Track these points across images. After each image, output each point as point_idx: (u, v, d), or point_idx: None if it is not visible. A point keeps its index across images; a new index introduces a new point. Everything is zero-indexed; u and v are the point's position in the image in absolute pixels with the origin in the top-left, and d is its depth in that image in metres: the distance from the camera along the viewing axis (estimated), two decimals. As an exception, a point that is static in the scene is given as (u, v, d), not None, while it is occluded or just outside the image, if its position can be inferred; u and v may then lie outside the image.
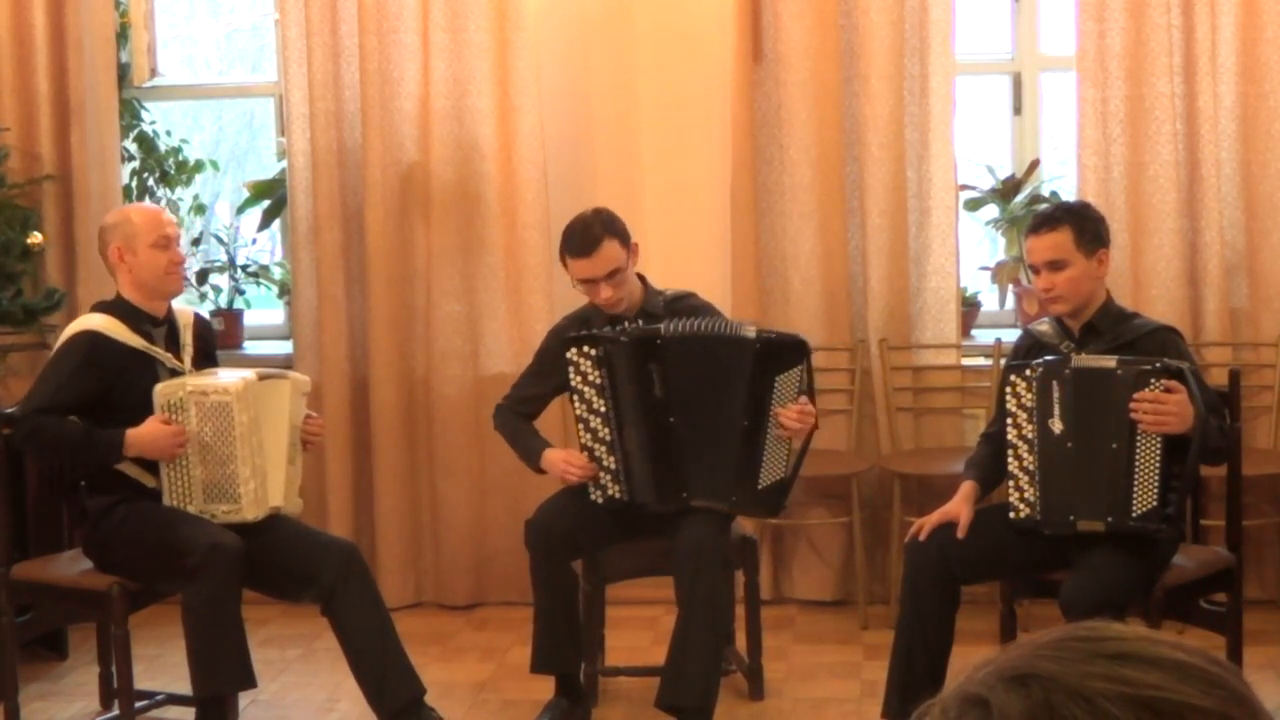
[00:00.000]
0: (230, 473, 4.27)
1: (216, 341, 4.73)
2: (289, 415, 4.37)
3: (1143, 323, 4.27)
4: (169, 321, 4.43)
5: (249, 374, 4.35)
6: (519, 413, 4.66)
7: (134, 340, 4.32)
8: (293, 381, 4.44)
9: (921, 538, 4.16)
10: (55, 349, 4.40)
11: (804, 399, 4.39)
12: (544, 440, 4.63)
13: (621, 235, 4.45)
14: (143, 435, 4.22)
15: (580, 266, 4.43)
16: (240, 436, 4.25)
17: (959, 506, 4.20)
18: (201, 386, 4.28)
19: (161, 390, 4.27)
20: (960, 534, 4.14)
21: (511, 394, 4.72)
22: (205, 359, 4.52)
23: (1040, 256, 4.14)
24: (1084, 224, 4.16)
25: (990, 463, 4.29)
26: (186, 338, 4.45)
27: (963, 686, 0.99)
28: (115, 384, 4.28)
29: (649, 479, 4.42)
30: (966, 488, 4.26)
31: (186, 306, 4.69)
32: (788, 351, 4.40)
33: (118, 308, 4.38)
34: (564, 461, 4.48)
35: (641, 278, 4.60)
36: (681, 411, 4.40)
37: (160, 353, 4.36)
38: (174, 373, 4.36)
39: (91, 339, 4.29)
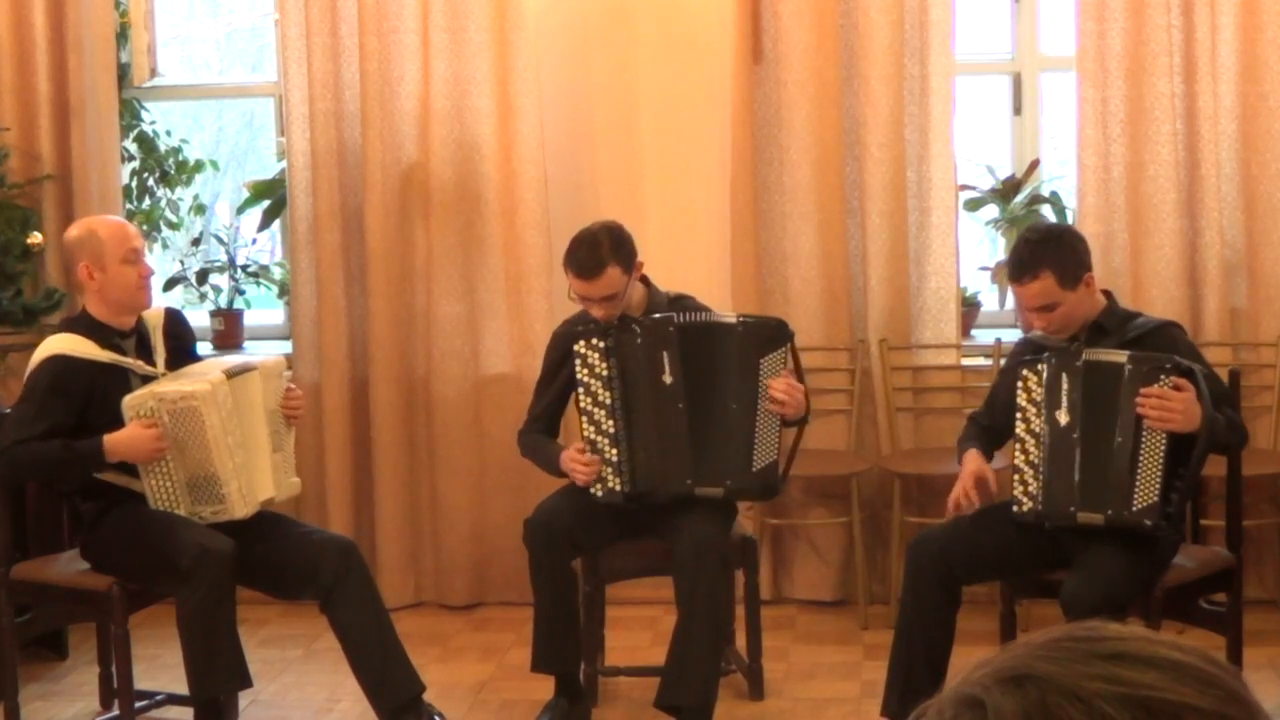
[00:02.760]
0: (211, 474, 4.24)
1: (193, 334, 4.67)
2: (263, 404, 4.35)
3: (1146, 320, 4.27)
4: (137, 330, 4.39)
5: (217, 374, 4.29)
6: (539, 430, 4.67)
7: (102, 355, 4.27)
8: (261, 370, 4.39)
9: (965, 510, 4.15)
10: (26, 376, 4.33)
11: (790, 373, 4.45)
12: (559, 445, 4.64)
13: (626, 259, 4.42)
14: (121, 439, 4.17)
15: (577, 285, 4.44)
16: (214, 438, 4.22)
17: (977, 465, 4.20)
18: (168, 394, 4.22)
19: (130, 402, 4.22)
20: (993, 489, 4.16)
21: (528, 416, 4.73)
22: (182, 355, 4.48)
23: (1029, 304, 4.13)
24: (1063, 265, 4.05)
25: (982, 433, 4.33)
26: (157, 340, 4.40)
27: (959, 687, 0.99)
28: (89, 403, 4.24)
29: (657, 466, 4.44)
30: (972, 454, 4.26)
31: (156, 306, 4.62)
32: (770, 334, 4.47)
33: (83, 323, 4.33)
34: (570, 460, 4.49)
35: (645, 280, 4.60)
36: (687, 397, 4.45)
37: (131, 362, 4.31)
38: (146, 380, 4.31)
39: (58, 364, 4.23)
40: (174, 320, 4.54)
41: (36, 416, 4.20)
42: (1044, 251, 4.08)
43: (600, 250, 4.39)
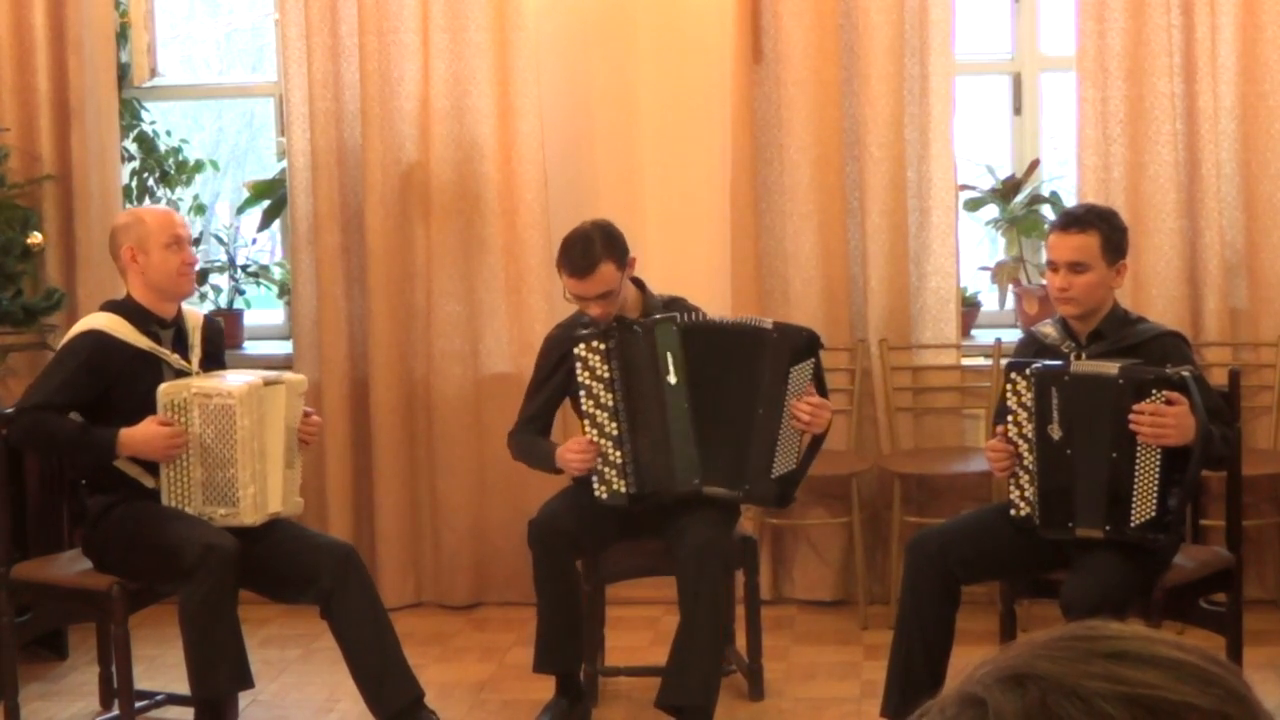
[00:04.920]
0: (230, 476, 4.27)
1: (225, 344, 4.72)
2: (285, 419, 4.38)
3: (1147, 328, 4.24)
4: (177, 323, 4.43)
5: (254, 378, 4.34)
6: (534, 431, 4.66)
7: (140, 341, 4.32)
8: (288, 385, 4.43)
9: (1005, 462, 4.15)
10: (60, 345, 4.41)
11: (814, 393, 4.40)
12: (553, 443, 4.63)
13: (619, 255, 4.43)
14: (137, 435, 4.21)
15: (572, 284, 4.45)
16: (241, 441, 4.25)
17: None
18: (205, 389, 4.28)
19: (165, 390, 4.27)
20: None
21: (519, 418, 4.70)
22: (213, 361, 4.52)
23: (1063, 255, 4.12)
24: (1112, 232, 4.15)
25: None
26: (195, 339, 4.45)
27: (961, 686, 0.99)
28: (117, 384, 4.28)
29: (662, 465, 4.42)
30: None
31: (196, 308, 4.69)
32: (803, 344, 4.42)
33: (126, 308, 4.39)
34: (568, 451, 4.47)
35: (640, 283, 4.60)
36: (697, 397, 4.41)
37: (166, 354, 4.36)
38: (180, 374, 4.36)
39: (96, 339, 4.29)
40: (212, 326, 4.59)
41: (61, 386, 4.25)
42: (1100, 215, 4.23)
43: (593, 248, 4.40)
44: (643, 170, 5.71)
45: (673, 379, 4.41)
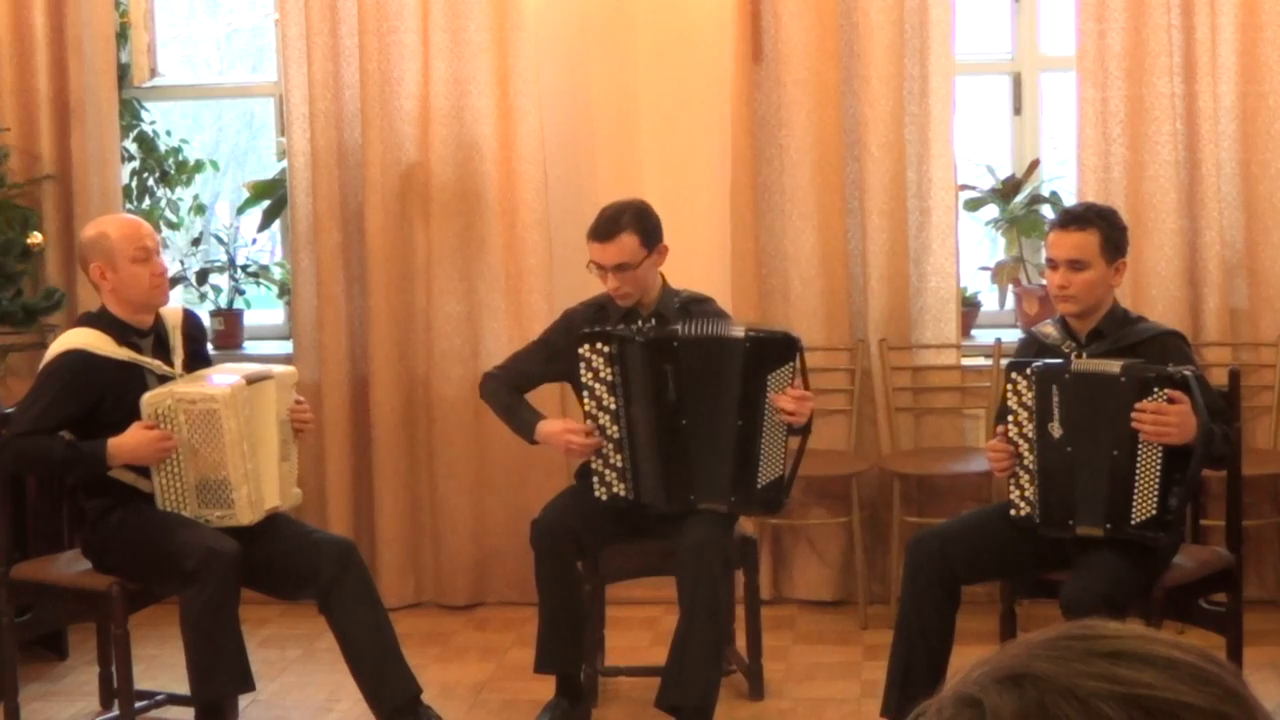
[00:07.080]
0: (222, 478, 4.25)
1: (207, 336, 4.69)
2: (276, 413, 4.36)
3: (1147, 327, 4.25)
4: (156, 329, 4.39)
5: (237, 379, 4.31)
6: (511, 384, 4.64)
7: (120, 353, 4.28)
8: (277, 379, 4.41)
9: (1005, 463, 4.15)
10: (41, 367, 4.35)
11: (799, 385, 4.40)
12: (538, 413, 4.62)
13: (647, 234, 4.46)
14: (125, 443, 4.18)
15: (593, 249, 4.47)
16: (230, 443, 4.23)
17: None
18: (189, 394, 4.24)
19: (149, 400, 4.24)
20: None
21: (507, 364, 4.70)
22: (197, 358, 4.49)
23: (1063, 253, 4.12)
24: (1111, 231, 4.15)
25: None
26: (176, 339, 4.42)
27: (958, 687, 0.99)
28: (103, 399, 4.25)
29: (658, 480, 4.43)
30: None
31: (175, 305, 4.65)
32: (777, 349, 4.41)
33: (102, 320, 4.35)
34: (565, 431, 4.47)
35: (662, 276, 4.60)
36: (689, 413, 4.41)
37: (148, 361, 4.32)
38: (163, 379, 4.33)
39: (76, 358, 4.24)
40: (192, 322, 4.56)
41: (48, 410, 4.22)
42: (1099, 213, 4.24)
43: (620, 217, 4.45)
44: (643, 170, 5.71)
45: (671, 394, 4.41)
